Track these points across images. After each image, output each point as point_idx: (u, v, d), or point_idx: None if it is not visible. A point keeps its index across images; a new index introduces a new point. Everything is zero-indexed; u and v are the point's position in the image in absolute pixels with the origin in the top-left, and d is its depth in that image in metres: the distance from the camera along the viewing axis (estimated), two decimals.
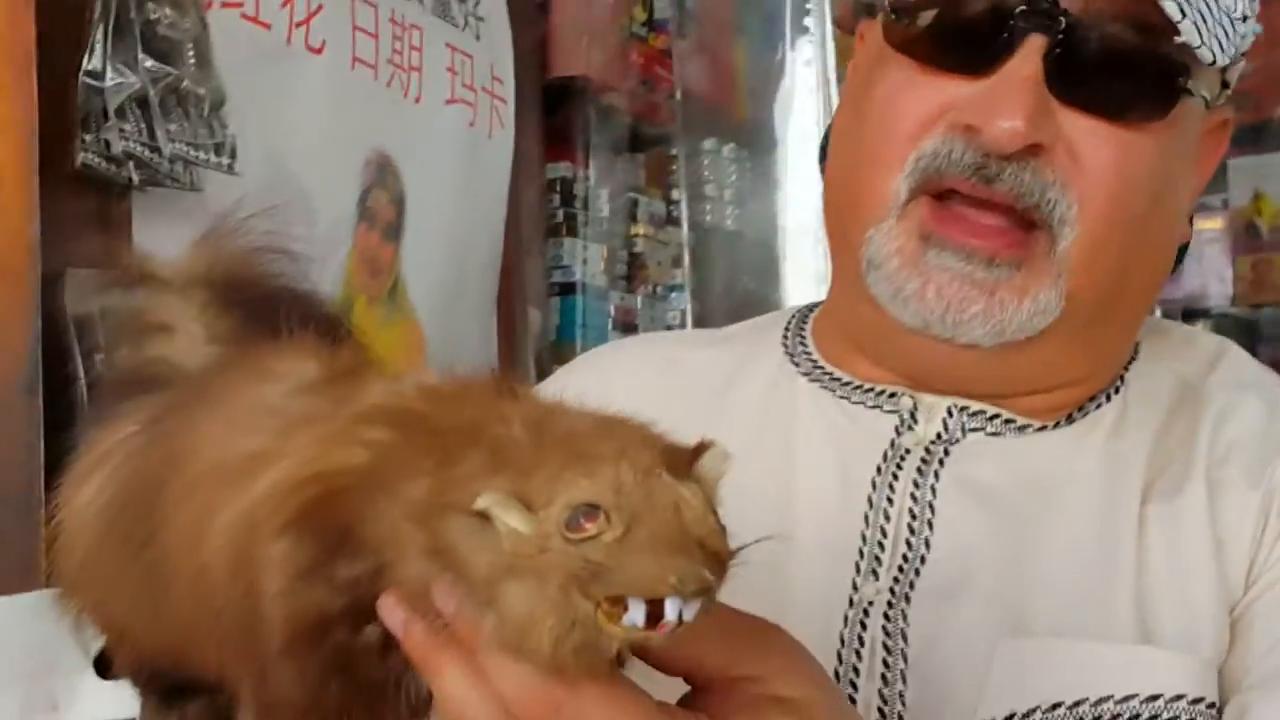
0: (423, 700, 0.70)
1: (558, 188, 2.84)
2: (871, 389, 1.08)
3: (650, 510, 0.59)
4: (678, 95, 3.19)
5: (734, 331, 1.33)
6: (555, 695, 0.64)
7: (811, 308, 1.25)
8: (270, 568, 0.68)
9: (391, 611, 0.66)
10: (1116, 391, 1.11)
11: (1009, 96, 0.95)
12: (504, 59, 2.43)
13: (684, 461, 0.62)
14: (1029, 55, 0.95)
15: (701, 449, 0.63)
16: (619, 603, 0.58)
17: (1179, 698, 0.94)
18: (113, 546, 0.81)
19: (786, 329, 1.22)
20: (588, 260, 2.85)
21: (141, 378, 0.90)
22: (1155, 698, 0.95)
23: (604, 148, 2.95)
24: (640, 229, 3.09)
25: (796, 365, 1.17)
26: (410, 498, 0.65)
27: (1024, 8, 0.95)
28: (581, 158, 2.89)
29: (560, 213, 2.84)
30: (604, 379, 0.88)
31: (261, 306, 0.89)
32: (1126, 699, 0.96)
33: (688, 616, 0.58)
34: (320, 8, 1.99)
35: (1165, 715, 0.93)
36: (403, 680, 0.70)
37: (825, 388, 1.12)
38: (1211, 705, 0.92)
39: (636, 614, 0.58)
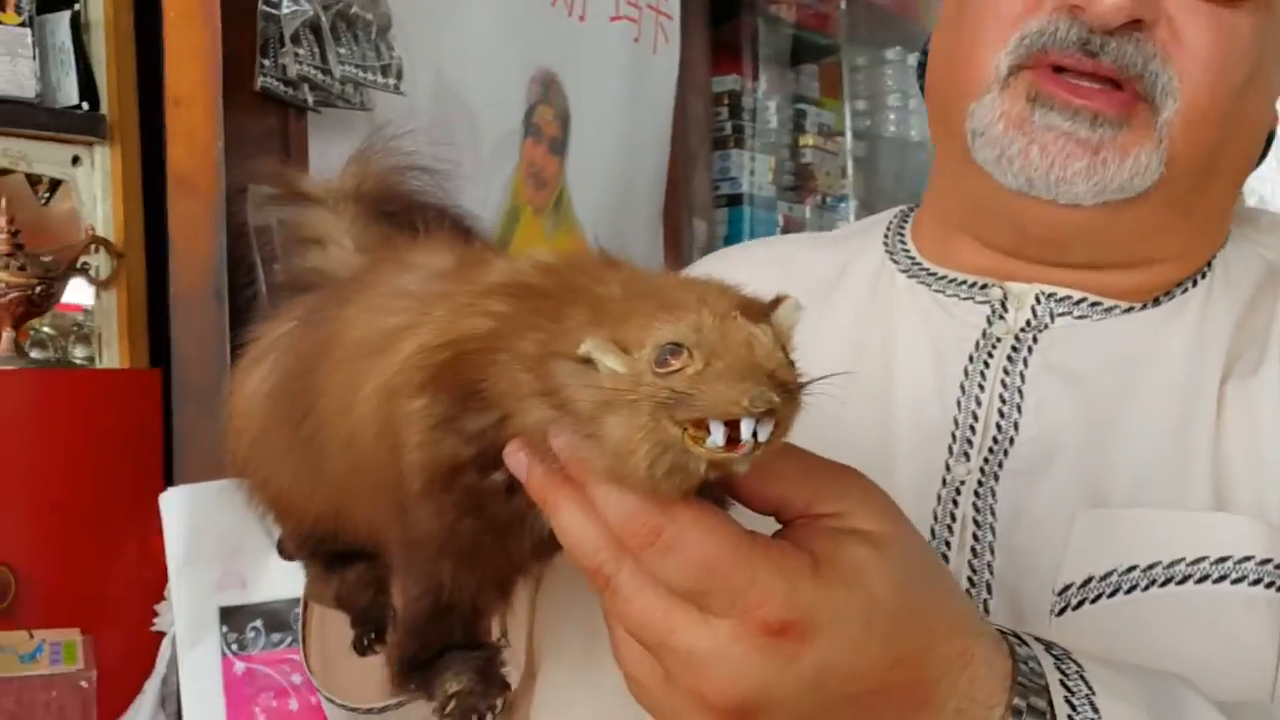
0: (545, 536, 0.74)
1: (725, 100, 2.83)
2: (965, 281, 1.09)
3: (726, 346, 0.63)
4: (842, 5, 3.14)
5: (843, 233, 1.37)
6: (654, 518, 0.67)
7: (913, 208, 1.26)
8: (409, 422, 0.72)
9: (514, 456, 0.70)
10: (1204, 275, 1.12)
11: None
12: None
13: (759, 310, 0.66)
14: None
15: (777, 301, 0.67)
16: (702, 426, 0.62)
17: (1247, 559, 0.96)
18: (278, 426, 0.85)
19: (888, 229, 1.24)
20: (755, 171, 2.83)
21: (301, 284, 0.94)
22: (1225, 559, 0.97)
23: (772, 59, 2.91)
24: (809, 139, 3.05)
25: (896, 263, 1.18)
26: (525, 351, 0.69)
27: None
28: (749, 69, 2.86)
29: (728, 125, 2.83)
30: (728, 273, 0.87)
31: (404, 218, 0.92)
32: (1198, 561, 0.98)
33: (762, 437, 0.62)
34: None
35: (1234, 575, 0.95)
36: (526, 518, 0.74)
37: (922, 283, 1.13)
38: (1279, 566, 0.95)
39: (717, 435, 0.62)
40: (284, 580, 1.68)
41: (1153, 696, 0.81)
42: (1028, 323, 1.04)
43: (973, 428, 1.03)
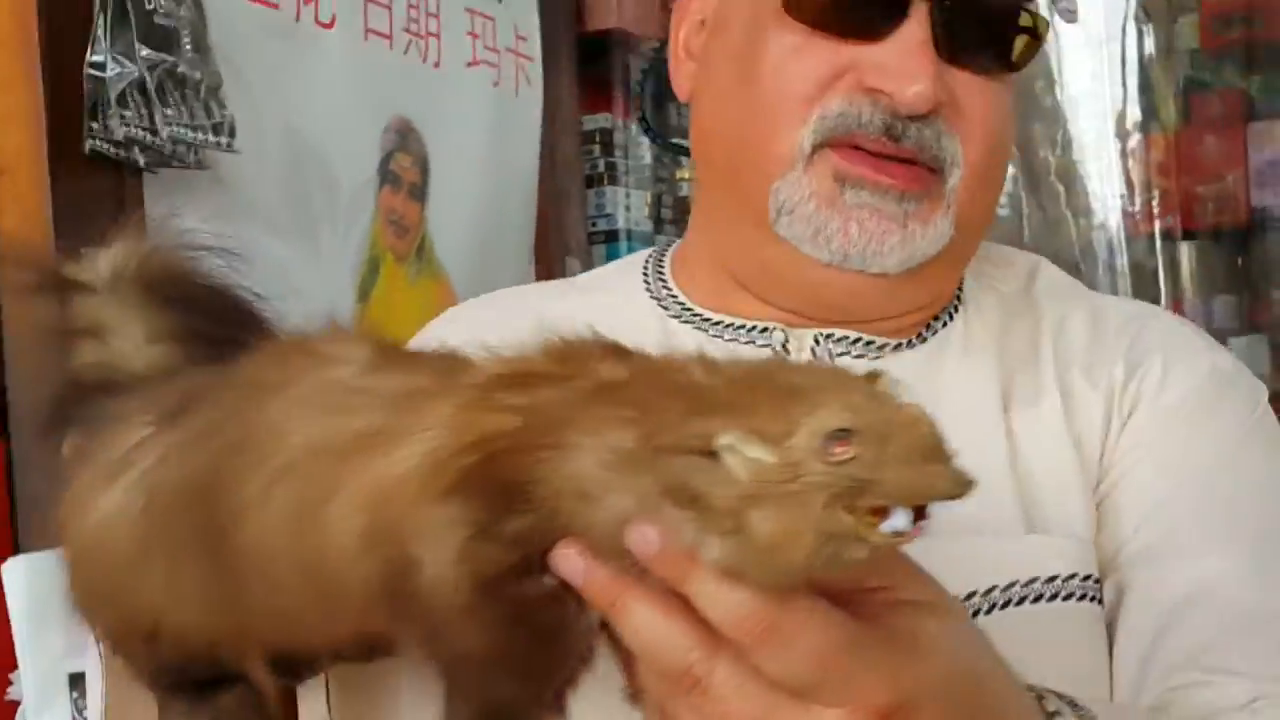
0: (591, 644, 0.74)
1: (597, 138, 2.84)
2: (744, 326, 1.12)
3: (895, 427, 0.64)
4: None
5: (586, 281, 1.37)
6: (770, 614, 0.66)
7: (660, 253, 1.28)
8: (437, 532, 0.70)
9: (568, 559, 0.69)
10: (956, 310, 1.19)
11: (912, 61, 1.03)
12: (528, 18, 2.43)
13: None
14: (920, 20, 1.02)
15: (874, 376, 0.67)
16: (879, 512, 0.62)
17: (1072, 576, 1.03)
18: (165, 550, 0.80)
19: (645, 275, 1.26)
20: (630, 207, 2.84)
21: (92, 382, 0.91)
22: (1053, 578, 1.03)
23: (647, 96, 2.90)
24: (686, 172, 3.01)
25: (665, 309, 1.20)
26: (615, 446, 0.67)
27: None
28: (621, 107, 2.86)
29: (600, 162, 2.83)
30: (476, 334, 0.84)
31: (200, 303, 0.93)
32: (1030, 582, 1.03)
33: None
34: None
35: (1064, 591, 1.01)
36: (575, 623, 0.72)
37: (698, 328, 1.16)
38: (1097, 580, 1.03)
39: (900, 520, 0.62)
40: None
41: None
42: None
43: None
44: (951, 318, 1.20)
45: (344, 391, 0.76)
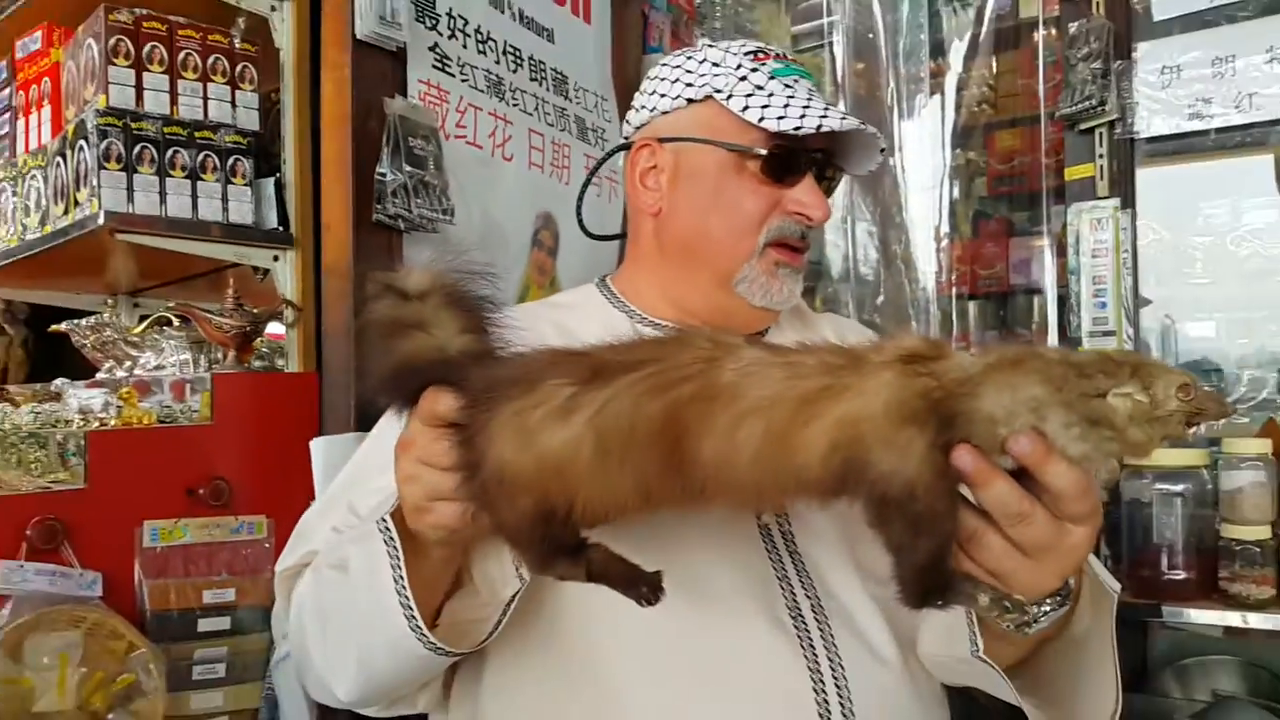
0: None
1: None
2: (675, 325, 1.11)
3: (1192, 382, 0.73)
4: None
5: (561, 300, 1.37)
6: (1086, 481, 0.77)
7: (602, 282, 1.31)
8: (904, 444, 0.74)
9: (966, 454, 0.75)
10: (776, 322, 1.28)
11: (815, 196, 1.16)
12: (615, 161, 2.40)
13: None
14: (810, 175, 1.17)
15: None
16: (1192, 423, 0.72)
17: None
18: (609, 462, 0.79)
19: (606, 297, 1.29)
20: None
21: (435, 360, 0.88)
22: None
23: None
24: None
25: (630, 316, 1.25)
26: (1031, 395, 0.74)
27: (807, 154, 1.16)
28: None
29: None
30: (519, 333, 0.93)
31: (474, 305, 0.91)
32: None
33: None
34: (510, 137, 2.21)
35: None
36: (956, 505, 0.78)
37: (649, 325, 1.20)
38: None
39: (1200, 429, 0.72)
40: None
41: None
42: None
43: None
44: (770, 328, 1.28)
45: (773, 366, 0.78)
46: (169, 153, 1.82)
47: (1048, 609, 0.87)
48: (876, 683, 1.03)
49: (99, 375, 2.25)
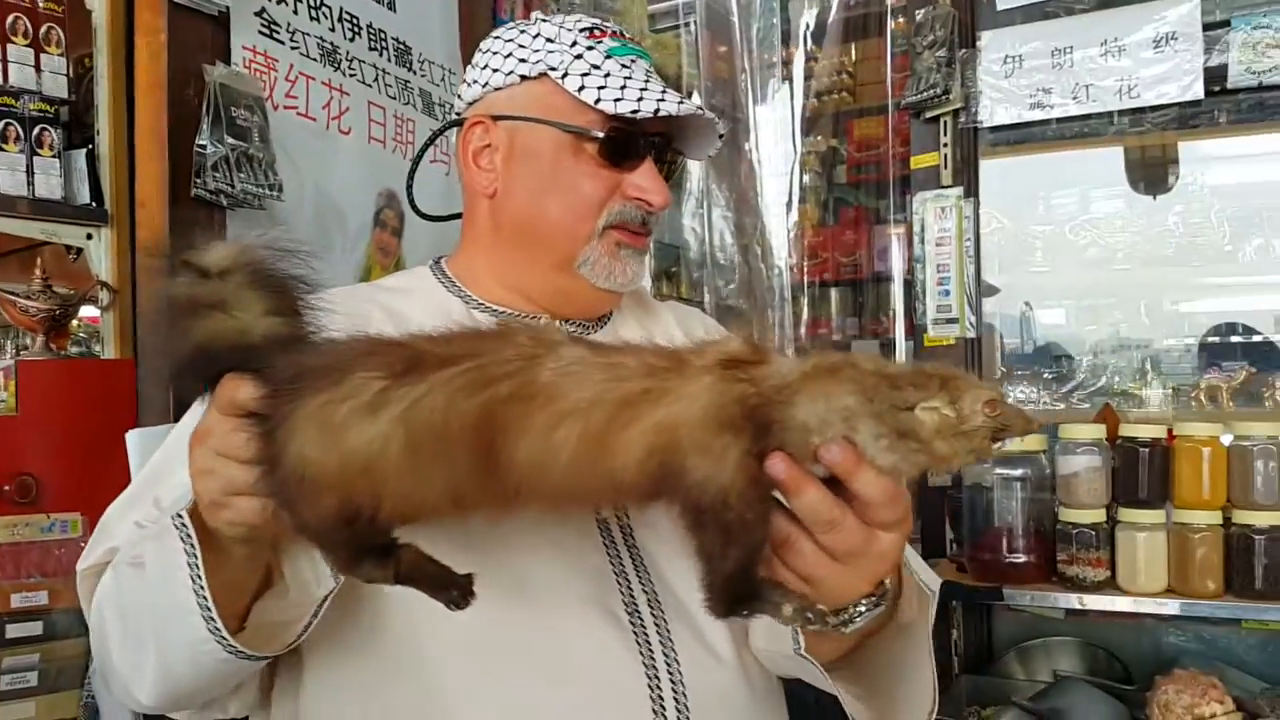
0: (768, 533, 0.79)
1: None
2: (519, 314, 1.18)
3: (998, 396, 0.75)
4: None
5: (391, 283, 1.29)
6: (898, 490, 0.78)
7: (436, 265, 1.27)
8: (719, 450, 0.74)
9: (777, 462, 0.75)
10: (618, 306, 1.27)
11: (655, 182, 1.15)
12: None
13: None
14: (649, 160, 1.15)
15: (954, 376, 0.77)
16: (996, 439, 0.74)
17: None
18: (418, 460, 0.75)
19: (440, 279, 1.24)
20: None
21: (236, 344, 0.82)
22: None
23: None
24: None
25: (466, 302, 1.20)
26: (842, 405, 0.75)
27: (646, 138, 1.14)
28: None
29: None
30: (349, 316, 0.89)
31: (283, 286, 0.84)
32: None
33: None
34: (347, 109, 2.18)
35: None
36: (769, 511, 0.79)
37: (485, 311, 1.18)
38: None
39: (1008, 444, 0.76)
40: None
41: None
42: None
43: None
44: (611, 315, 1.27)
45: (594, 367, 0.77)
46: None
47: (863, 609, 0.87)
48: (712, 680, 1.03)
49: None
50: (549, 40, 1.17)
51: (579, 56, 1.15)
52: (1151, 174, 2.62)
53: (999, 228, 2.56)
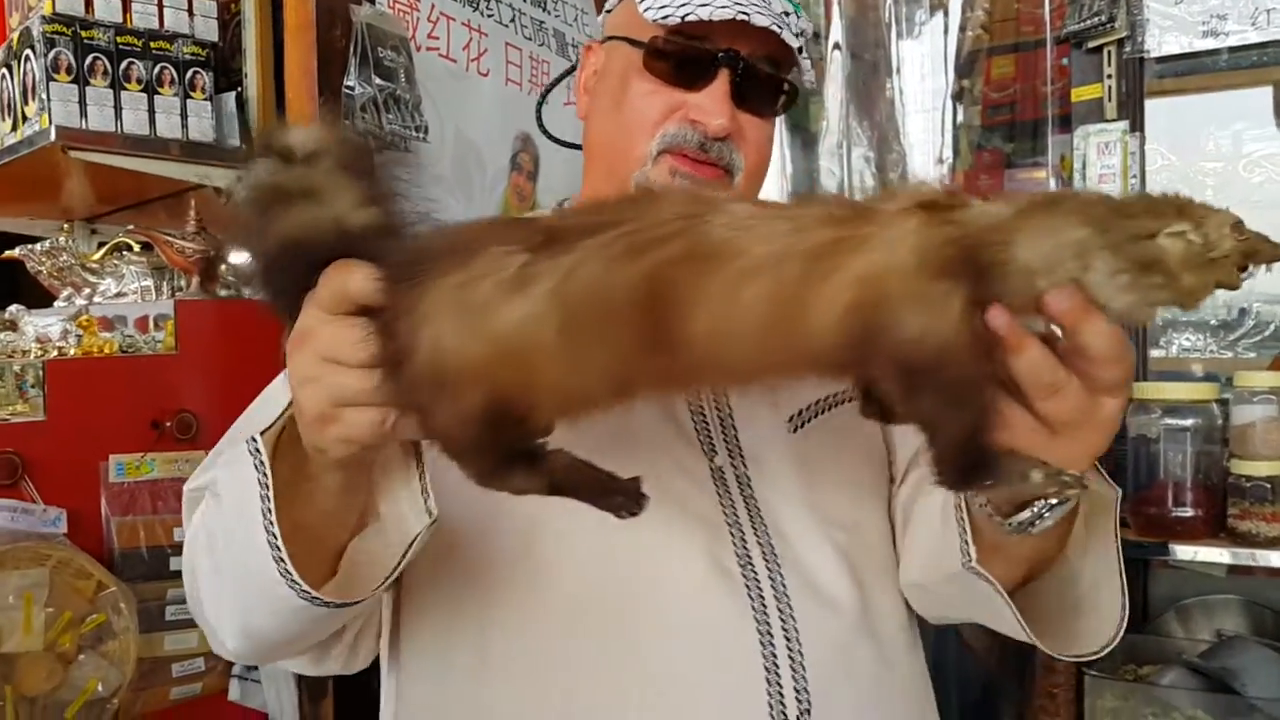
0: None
1: None
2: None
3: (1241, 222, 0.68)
4: None
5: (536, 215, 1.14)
6: (1122, 341, 0.71)
7: (560, 206, 1.24)
8: (939, 300, 0.66)
9: (999, 316, 0.68)
10: None
11: (718, 105, 1.07)
12: None
13: None
14: (723, 81, 1.08)
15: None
16: (1245, 267, 0.67)
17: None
18: (578, 339, 0.67)
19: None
20: None
21: (333, 235, 0.72)
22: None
23: None
24: None
25: None
26: (1073, 239, 0.67)
27: (720, 54, 1.07)
28: None
29: None
30: None
31: (379, 171, 0.76)
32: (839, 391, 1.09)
33: None
34: (485, 50, 2.19)
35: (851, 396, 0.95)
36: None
37: None
38: None
39: (1251, 271, 0.67)
40: None
41: None
42: None
43: None
44: None
45: (772, 219, 0.69)
46: (123, 64, 1.80)
47: (1053, 502, 0.81)
48: (830, 635, 0.99)
49: (57, 303, 2.24)
50: None
51: None
52: None
53: (1165, 165, 2.45)
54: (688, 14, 1.06)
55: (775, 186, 3.11)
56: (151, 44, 1.83)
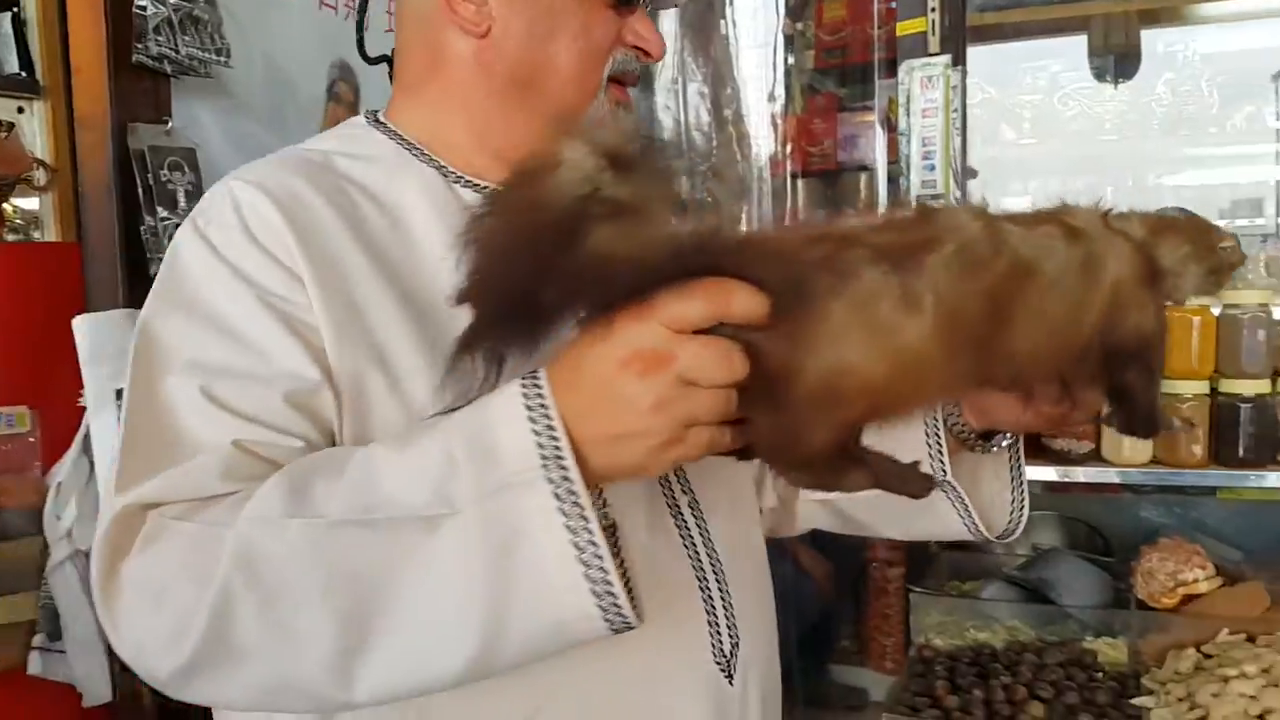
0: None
1: None
2: (493, 185, 1.02)
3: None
4: None
5: (338, 148, 1.05)
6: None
7: (375, 118, 1.09)
8: (1147, 303, 0.86)
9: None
10: None
11: (653, 29, 1.08)
12: None
13: None
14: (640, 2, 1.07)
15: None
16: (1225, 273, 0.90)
17: None
18: (950, 356, 0.73)
19: (396, 142, 1.07)
20: None
21: (643, 253, 0.68)
22: None
23: None
24: None
25: (445, 176, 1.04)
26: (1185, 252, 0.89)
27: None
28: None
29: None
30: (291, 193, 0.88)
31: (663, 174, 0.72)
32: None
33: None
34: None
35: None
36: None
37: (468, 187, 1.04)
38: None
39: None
40: None
41: None
42: None
43: None
44: None
45: (1043, 237, 0.81)
46: None
47: None
48: (745, 575, 1.05)
49: None
50: None
51: None
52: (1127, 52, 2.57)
53: (986, 98, 2.52)
54: None
55: None
56: None
